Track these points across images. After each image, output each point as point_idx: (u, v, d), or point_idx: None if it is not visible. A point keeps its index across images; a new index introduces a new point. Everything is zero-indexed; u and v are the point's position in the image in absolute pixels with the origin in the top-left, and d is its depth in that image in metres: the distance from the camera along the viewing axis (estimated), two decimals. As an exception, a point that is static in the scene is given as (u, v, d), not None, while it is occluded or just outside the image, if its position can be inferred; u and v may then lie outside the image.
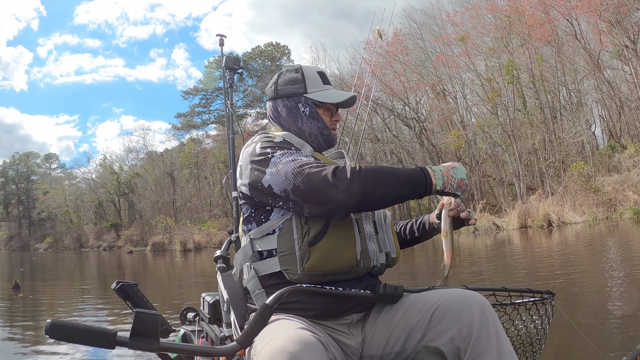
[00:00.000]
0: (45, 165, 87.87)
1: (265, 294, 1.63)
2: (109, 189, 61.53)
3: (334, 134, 1.90)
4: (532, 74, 27.02)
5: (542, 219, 21.07)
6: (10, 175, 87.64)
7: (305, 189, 1.54)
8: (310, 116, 1.86)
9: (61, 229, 70.87)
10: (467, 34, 29.41)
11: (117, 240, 55.14)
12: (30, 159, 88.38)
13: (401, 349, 1.57)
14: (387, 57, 33.59)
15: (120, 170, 60.80)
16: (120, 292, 2.03)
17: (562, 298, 6.04)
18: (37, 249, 69.90)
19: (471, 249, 15.72)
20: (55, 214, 72.08)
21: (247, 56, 58.96)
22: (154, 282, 14.62)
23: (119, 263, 25.53)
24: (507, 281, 7.61)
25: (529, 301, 1.93)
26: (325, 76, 1.93)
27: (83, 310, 8.52)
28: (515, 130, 27.31)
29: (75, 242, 65.05)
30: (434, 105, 34.60)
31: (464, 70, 30.99)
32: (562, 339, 4.17)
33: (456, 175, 1.66)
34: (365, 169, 1.54)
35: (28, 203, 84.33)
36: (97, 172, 65.72)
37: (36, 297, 10.75)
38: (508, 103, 28.10)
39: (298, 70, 1.91)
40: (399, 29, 34.51)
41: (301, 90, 1.87)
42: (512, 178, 28.00)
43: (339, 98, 1.88)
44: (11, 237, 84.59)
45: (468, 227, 2.00)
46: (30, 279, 16.82)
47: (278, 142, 1.71)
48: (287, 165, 1.58)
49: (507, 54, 27.14)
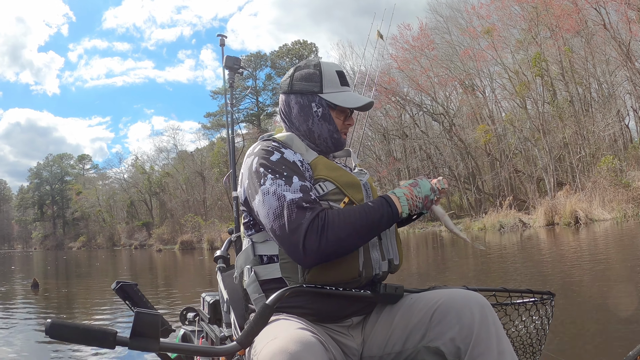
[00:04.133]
0: (78, 166, 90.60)
1: (265, 298, 1.63)
2: (140, 188, 63.33)
3: (343, 138, 1.88)
4: (561, 65, 26.78)
5: (569, 216, 20.68)
6: (44, 176, 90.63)
7: (278, 236, 1.54)
8: (322, 118, 1.82)
9: (94, 228, 73.33)
10: (494, 26, 29.19)
11: (148, 238, 56.47)
12: (63, 160, 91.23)
13: (401, 349, 1.59)
14: (414, 52, 33.66)
15: (152, 170, 62.16)
16: (120, 292, 2.02)
17: (573, 297, 6.13)
18: (70, 248, 72.62)
19: (493, 247, 15.53)
20: (88, 214, 74.52)
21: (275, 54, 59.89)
22: (168, 280, 14.97)
23: (144, 261, 26.21)
24: (519, 282, 7.68)
25: (529, 301, 1.95)
26: (344, 76, 1.88)
27: (96, 308, 8.60)
28: (545, 124, 27.10)
29: (108, 241, 67.38)
30: (463, 100, 34.54)
31: (491, 63, 30.88)
32: (562, 339, 4.21)
33: (420, 194, 1.67)
34: (333, 227, 1.51)
35: (62, 203, 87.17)
36: (129, 172, 67.80)
37: (53, 295, 10.97)
38: (537, 96, 27.91)
39: (317, 67, 1.85)
40: (425, 23, 34.56)
41: (317, 89, 1.82)
42: (542, 173, 27.80)
43: (355, 103, 1.82)
44: (46, 236, 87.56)
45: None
46: (55, 277, 17.27)
47: (274, 160, 1.65)
48: (271, 202, 1.56)
49: (536, 46, 26.93)
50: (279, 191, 1.56)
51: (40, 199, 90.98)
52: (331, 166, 1.75)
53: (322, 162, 1.74)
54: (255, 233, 1.71)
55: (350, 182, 1.71)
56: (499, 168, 31.85)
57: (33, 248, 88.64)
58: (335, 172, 1.72)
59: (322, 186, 1.66)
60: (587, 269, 8.33)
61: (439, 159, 37.01)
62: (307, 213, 1.51)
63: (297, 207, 1.52)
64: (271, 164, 1.63)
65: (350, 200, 1.66)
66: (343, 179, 1.71)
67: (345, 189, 1.68)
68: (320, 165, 1.73)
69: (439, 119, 35.92)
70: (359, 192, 1.71)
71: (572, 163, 26.05)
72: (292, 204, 1.52)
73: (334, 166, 1.76)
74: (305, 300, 1.59)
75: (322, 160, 1.75)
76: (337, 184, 1.68)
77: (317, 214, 1.52)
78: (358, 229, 1.53)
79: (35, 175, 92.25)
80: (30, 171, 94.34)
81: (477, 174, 34.37)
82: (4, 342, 5.91)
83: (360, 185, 1.74)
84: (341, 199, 1.66)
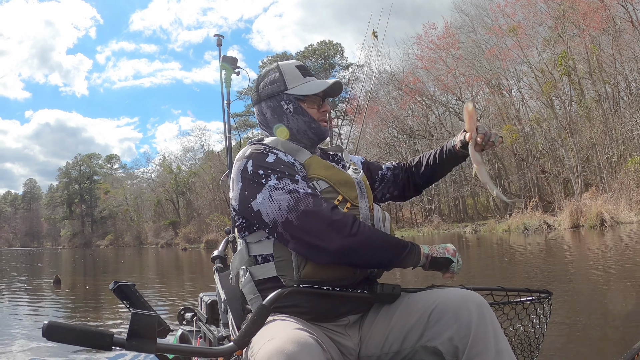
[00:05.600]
0: (107, 165, 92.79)
1: (260, 298, 1.66)
2: (167, 188, 64.60)
3: (324, 126, 1.89)
4: (588, 64, 26.53)
5: (594, 218, 20.35)
6: (73, 175, 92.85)
7: (298, 226, 1.55)
8: (295, 112, 1.85)
9: (122, 227, 75.13)
10: (519, 25, 29.04)
11: (174, 237, 57.41)
12: (92, 160, 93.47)
13: (399, 349, 1.59)
14: (439, 52, 33.66)
15: (178, 170, 63.09)
16: (118, 293, 2.02)
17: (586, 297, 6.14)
18: (98, 246, 74.37)
19: (516, 249, 15.46)
20: (116, 212, 76.43)
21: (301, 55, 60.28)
22: (191, 276, 15.17)
23: (169, 259, 26.61)
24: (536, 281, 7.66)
25: (527, 300, 1.97)
26: (306, 68, 1.92)
27: (112, 307, 8.39)
28: (572, 124, 26.90)
29: (135, 239, 69.00)
30: (490, 100, 34.43)
31: (517, 62, 30.73)
32: (560, 338, 4.23)
33: (440, 247, 1.72)
34: (363, 224, 1.59)
35: (90, 202, 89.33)
36: (156, 171, 69.36)
37: (74, 292, 11.11)
38: (564, 95, 27.74)
39: (276, 69, 1.90)
40: (450, 22, 34.57)
41: (281, 88, 1.86)
42: (569, 174, 27.61)
43: (319, 87, 1.85)
44: (74, 234, 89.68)
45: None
46: (79, 274, 17.54)
47: (271, 162, 1.67)
48: (283, 196, 1.58)
49: (562, 44, 26.73)
50: (290, 187, 1.59)
51: (69, 197, 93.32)
52: (324, 165, 1.79)
53: (316, 162, 1.79)
54: (249, 234, 1.73)
55: (344, 180, 1.75)
56: (525, 169, 31.71)
57: (62, 246, 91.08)
58: (329, 170, 1.76)
59: (316, 185, 1.70)
60: (604, 271, 8.30)
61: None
62: (323, 202, 1.57)
63: (312, 197, 1.58)
64: (269, 164, 1.66)
65: (344, 198, 1.70)
66: (336, 177, 1.75)
67: (338, 187, 1.72)
68: (314, 165, 1.77)
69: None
70: (353, 190, 1.74)
71: (599, 164, 25.76)
72: (308, 195, 1.58)
73: (327, 165, 1.80)
74: (301, 299, 1.60)
75: (316, 160, 1.80)
76: (330, 182, 1.72)
77: (356, 216, 1.61)
78: (385, 241, 1.60)
79: (65, 174, 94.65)
80: (60, 170, 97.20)
81: (503, 175, 34.26)
82: (12, 337, 6.00)
83: (354, 183, 1.77)
84: (335, 197, 1.69)
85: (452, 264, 1.71)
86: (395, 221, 45.42)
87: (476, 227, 29.02)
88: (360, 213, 1.72)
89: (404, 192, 2.23)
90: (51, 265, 24.11)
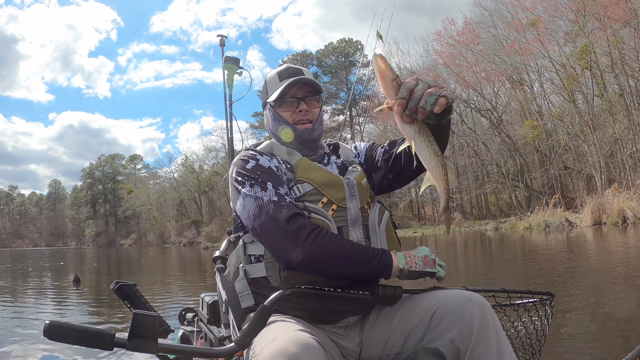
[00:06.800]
0: (130, 166, 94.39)
1: (251, 296, 1.72)
2: (190, 187, 65.54)
3: (300, 128, 1.86)
4: (610, 57, 26.30)
5: (616, 215, 20.26)
6: (97, 176, 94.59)
7: (260, 234, 1.63)
8: (274, 119, 1.89)
9: (145, 226, 76.40)
10: (539, 19, 28.91)
11: (197, 236, 58.19)
12: (115, 160, 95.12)
13: (400, 350, 1.59)
14: (459, 47, 33.61)
15: (201, 170, 63.73)
16: (119, 293, 2.02)
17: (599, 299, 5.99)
18: (122, 245, 75.85)
19: (535, 247, 15.46)
20: (139, 212, 77.74)
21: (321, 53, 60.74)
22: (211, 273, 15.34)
23: (192, 258, 26.81)
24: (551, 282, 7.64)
25: (529, 302, 1.95)
26: (287, 70, 1.92)
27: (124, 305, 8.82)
28: (595, 119, 26.75)
29: (158, 238, 70.19)
30: (512, 96, 34.31)
31: (538, 57, 30.57)
32: (562, 340, 4.20)
33: (418, 254, 1.67)
34: (322, 235, 1.57)
35: (114, 202, 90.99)
36: (179, 171, 70.14)
37: (92, 291, 11.17)
38: (586, 90, 27.55)
39: (265, 79, 1.98)
40: (469, 17, 34.62)
41: (265, 97, 1.94)
42: (592, 170, 27.45)
43: (277, 91, 1.85)
44: (98, 233, 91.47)
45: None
46: (100, 273, 17.60)
47: (249, 168, 1.73)
48: (251, 204, 1.65)
49: (583, 38, 26.55)
50: (257, 194, 1.64)
51: (93, 197, 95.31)
52: (310, 167, 1.80)
53: (303, 164, 1.81)
54: (244, 234, 1.80)
55: (330, 181, 1.76)
56: (548, 165, 31.58)
57: (86, 245, 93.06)
58: (314, 172, 1.78)
59: (300, 188, 1.72)
60: (621, 269, 8.23)
61: (486, 155, 36.87)
62: (283, 210, 1.59)
63: (274, 205, 1.61)
64: (247, 171, 1.71)
65: (329, 200, 1.72)
66: (321, 179, 1.76)
67: (323, 188, 1.73)
68: (301, 167, 1.79)
69: (486, 115, 35.79)
70: (340, 191, 1.75)
71: (623, 159, 25.62)
72: (270, 203, 1.61)
73: (314, 167, 1.81)
74: (302, 300, 1.62)
75: (303, 162, 1.81)
76: (314, 184, 1.73)
77: (314, 225, 1.58)
78: (345, 253, 1.57)
79: (88, 175, 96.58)
80: (84, 171, 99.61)
81: (525, 171, 34.12)
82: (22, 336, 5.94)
83: (342, 183, 1.77)
84: (319, 199, 1.72)
85: (435, 274, 1.67)
86: (417, 219, 45.44)
87: (497, 225, 29.08)
88: (348, 214, 1.73)
89: (399, 176, 1.96)
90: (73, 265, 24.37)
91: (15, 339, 5.67)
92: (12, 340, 5.56)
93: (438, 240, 21.51)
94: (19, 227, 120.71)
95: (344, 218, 1.72)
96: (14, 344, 5.37)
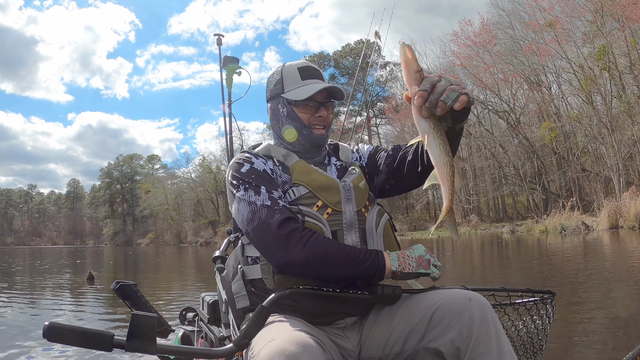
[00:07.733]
0: (148, 166, 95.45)
1: (247, 297, 1.74)
2: (207, 187, 65.98)
3: (316, 133, 1.85)
4: (629, 58, 26.12)
5: (633, 219, 20.15)
6: (115, 175, 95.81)
7: (253, 238, 1.65)
8: (288, 117, 1.85)
9: (162, 226, 77.01)
10: (557, 19, 28.77)
11: (214, 236, 58.52)
12: (133, 160, 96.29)
13: (400, 350, 1.59)
14: (475, 48, 33.54)
15: (218, 170, 64.11)
16: (120, 293, 2.03)
17: None
18: (139, 244, 76.46)
19: (550, 251, 15.38)
20: (156, 212, 78.46)
21: (338, 54, 60.81)
22: None
23: (204, 257, 26.87)
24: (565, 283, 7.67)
25: (529, 301, 1.94)
26: (309, 70, 1.88)
27: None
28: (613, 121, 26.50)
29: (175, 238, 70.75)
30: (529, 97, 34.16)
31: (556, 58, 30.37)
32: (564, 339, 4.23)
33: (413, 254, 1.66)
34: (313, 239, 1.57)
35: (132, 201, 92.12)
36: (196, 171, 70.81)
37: (104, 289, 11.14)
38: (604, 91, 27.35)
39: (280, 71, 1.91)
40: (486, 18, 34.56)
41: (279, 91, 1.87)
42: (610, 173, 27.27)
43: (308, 93, 1.80)
44: (116, 233, 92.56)
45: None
46: (116, 271, 17.90)
47: (244, 172, 1.73)
48: (245, 208, 1.65)
49: (602, 38, 26.35)
50: (251, 199, 1.64)
51: (111, 197, 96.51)
52: (305, 170, 1.79)
53: (299, 166, 1.80)
54: (242, 235, 1.81)
55: (325, 185, 1.75)
56: (565, 167, 31.40)
57: (103, 244, 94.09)
58: (309, 175, 1.77)
59: (295, 191, 1.72)
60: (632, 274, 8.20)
61: (503, 157, 36.75)
62: (276, 215, 1.59)
63: (267, 209, 1.61)
64: (241, 175, 1.72)
65: (324, 204, 1.71)
66: (316, 182, 1.75)
67: (318, 192, 1.72)
68: (297, 170, 1.78)
69: (504, 116, 35.67)
70: (336, 195, 1.74)
71: (642, 162, 25.38)
72: (263, 208, 1.61)
73: (309, 170, 1.79)
74: (300, 300, 1.61)
75: (299, 165, 1.80)
76: (309, 187, 1.73)
77: (306, 230, 1.59)
78: (337, 256, 1.57)
79: (107, 174, 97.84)
80: (102, 171, 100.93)
81: (542, 173, 33.95)
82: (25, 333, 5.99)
83: (337, 186, 1.76)
84: (314, 202, 1.71)
85: (429, 275, 1.67)
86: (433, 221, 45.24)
87: (514, 228, 28.97)
88: (344, 218, 1.72)
89: (400, 182, 1.92)
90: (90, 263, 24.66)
91: (19, 335, 5.75)
92: (16, 337, 5.64)
93: (454, 243, 21.42)
94: (37, 226, 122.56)
95: (339, 222, 1.72)
96: (19, 341, 5.43)
